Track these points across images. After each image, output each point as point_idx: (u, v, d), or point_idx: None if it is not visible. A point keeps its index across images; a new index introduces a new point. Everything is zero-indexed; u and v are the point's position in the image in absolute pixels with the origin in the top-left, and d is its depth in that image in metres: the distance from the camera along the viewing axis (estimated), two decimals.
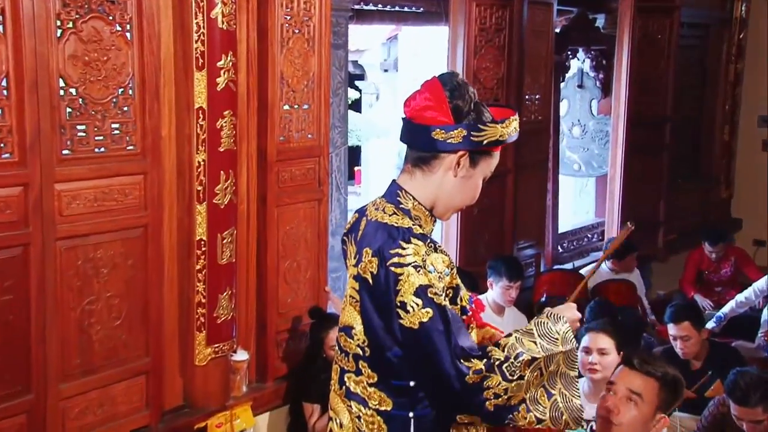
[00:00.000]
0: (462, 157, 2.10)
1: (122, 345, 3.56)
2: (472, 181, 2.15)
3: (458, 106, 2.08)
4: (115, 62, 3.34)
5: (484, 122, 2.09)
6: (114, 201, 3.42)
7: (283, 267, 4.18)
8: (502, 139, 2.11)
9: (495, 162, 2.20)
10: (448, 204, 2.17)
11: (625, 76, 6.92)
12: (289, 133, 4.08)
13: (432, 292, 1.96)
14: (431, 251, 2.01)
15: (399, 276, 1.97)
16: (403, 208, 2.12)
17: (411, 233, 2.03)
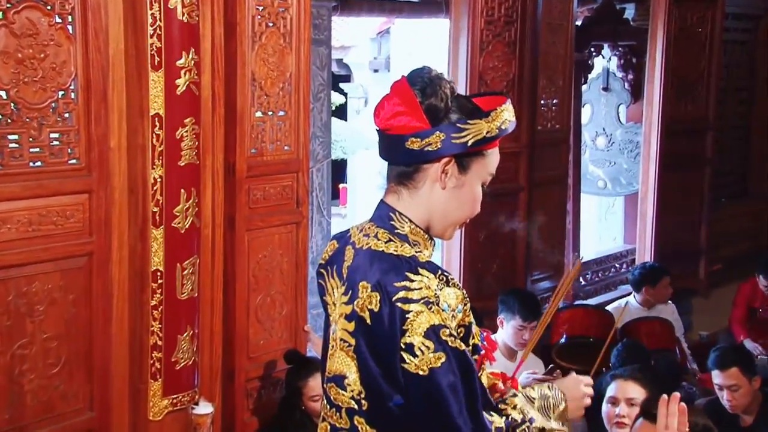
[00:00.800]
0: (447, 164, 2.10)
1: (60, 397, 3.52)
2: (467, 190, 2.14)
3: (432, 105, 2.07)
4: (55, 60, 3.34)
5: (464, 120, 2.07)
6: (52, 225, 3.40)
7: (255, 303, 4.17)
8: (490, 135, 2.07)
9: (494, 160, 2.18)
10: (444, 221, 2.16)
11: (658, 77, 6.96)
12: (262, 144, 4.08)
13: (446, 333, 1.95)
14: (443, 285, 2.00)
15: (407, 313, 1.96)
16: (399, 233, 2.12)
17: (418, 263, 2.03)
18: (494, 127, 2.08)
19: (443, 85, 2.09)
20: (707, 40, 7.31)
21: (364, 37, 13.77)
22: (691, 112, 7.33)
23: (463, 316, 2.03)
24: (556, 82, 6.01)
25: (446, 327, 1.96)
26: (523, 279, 5.91)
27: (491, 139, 2.08)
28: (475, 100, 2.16)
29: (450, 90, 2.09)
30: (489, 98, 2.17)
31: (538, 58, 5.78)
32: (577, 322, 5.64)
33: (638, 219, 7.26)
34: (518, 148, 5.77)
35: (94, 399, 3.63)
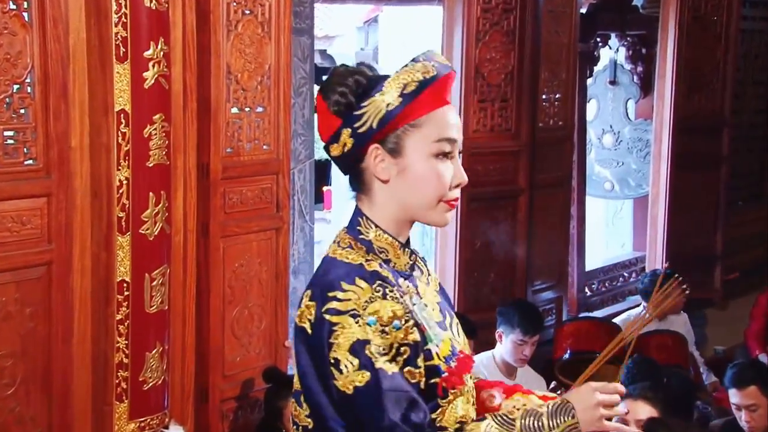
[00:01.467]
0: (375, 155, 2.06)
1: (16, 421, 3.50)
2: (415, 170, 2.05)
3: (337, 102, 2.05)
4: (9, 51, 3.32)
5: (359, 105, 2.03)
6: (7, 231, 3.39)
7: (231, 316, 4.16)
8: (393, 106, 2.01)
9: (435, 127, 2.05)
10: (413, 210, 2.10)
11: (670, 69, 6.97)
12: (238, 143, 4.07)
13: (370, 350, 1.93)
14: (378, 297, 1.97)
15: (333, 326, 1.95)
16: (363, 239, 2.10)
17: (359, 272, 2.01)
18: (394, 97, 2.01)
19: (344, 78, 2.06)
20: (723, 29, 7.32)
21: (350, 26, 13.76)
22: (706, 108, 7.34)
23: (404, 334, 1.98)
24: (558, 75, 6.02)
25: (371, 343, 1.93)
26: (523, 289, 5.90)
27: (398, 109, 2.02)
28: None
29: (357, 80, 2.06)
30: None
31: (540, 49, 5.78)
32: (583, 335, 5.64)
33: (648, 224, 7.27)
34: (517, 147, 5.77)
35: (54, 423, 3.61)
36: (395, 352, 1.96)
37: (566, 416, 2.02)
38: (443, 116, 2.06)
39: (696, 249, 7.32)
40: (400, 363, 1.95)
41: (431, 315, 2.10)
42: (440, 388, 2.02)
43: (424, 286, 2.17)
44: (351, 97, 2.04)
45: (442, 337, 2.07)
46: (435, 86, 2.03)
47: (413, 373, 1.97)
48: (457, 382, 2.06)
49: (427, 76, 2.02)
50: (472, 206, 5.56)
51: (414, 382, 1.96)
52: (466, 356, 2.14)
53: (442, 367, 2.05)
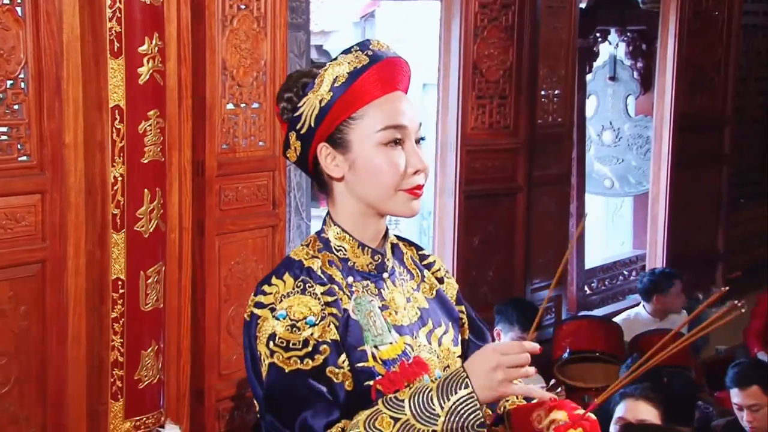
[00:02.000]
0: (324, 154, 2.05)
1: (10, 421, 3.50)
2: (364, 162, 2.02)
3: (284, 109, 2.06)
4: (2, 46, 3.32)
5: (296, 103, 2.03)
6: (0, 229, 3.39)
7: (227, 314, 4.17)
8: (325, 102, 1.99)
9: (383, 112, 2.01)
10: (373, 204, 2.07)
11: (671, 66, 6.98)
12: (234, 140, 4.08)
13: (279, 344, 1.93)
14: (297, 292, 1.97)
15: (258, 319, 1.98)
16: (323, 237, 2.11)
17: (290, 267, 2.02)
18: (324, 92, 1.99)
19: (293, 83, 2.06)
20: (725, 25, 7.34)
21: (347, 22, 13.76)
22: (707, 105, 7.36)
23: (321, 332, 1.94)
24: (557, 71, 6.03)
25: (281, 337, 1.93)
26: (522, 288, 5.92)
27: (331, 104, 1.99)
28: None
29: (302, 83, 2.05)
30: None
31: (538, 45, 5.79)
32: (582, 335, 5.65)
33: (649, 222, 7.28)
34: (516, 144, 5.79)
35: (49, 422, 3.61)
36: (312, 349, 1.93)
37: (458, 386, 1.86)
38: (385, 104, 2.01)
39: (697, 248, 7.34)
40: (318, 360, 1.93)
41: (392, 317, 2.06)
42: (374, 392, 1.98)
43: (401, 288, 2.14)
44: (296, 100, 2.03)
45: (390, 339, 2.02)
46: (370, 75, 1.99)
47: (335, 372, 1.94)
48: (390, 387, 2.00)
49: (358, 66, 1.99)
50: (469, 204, 5.58)
51: (337, 382, 1.93)
52: (415, 364, 2.06)
53: (378, 370, 2.01)
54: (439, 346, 2.13)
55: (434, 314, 2.17)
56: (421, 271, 2.25)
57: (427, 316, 2.15)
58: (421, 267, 2.26)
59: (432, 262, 2.30)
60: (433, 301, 2.21)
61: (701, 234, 7.40)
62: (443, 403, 1.85)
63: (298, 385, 1.92)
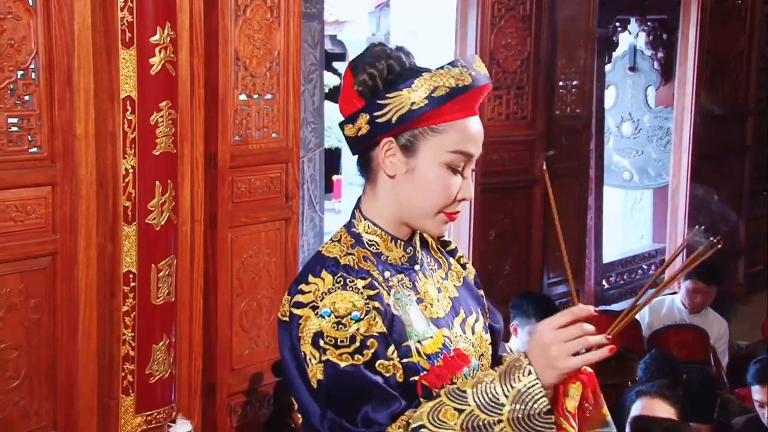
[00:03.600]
0: (387, 148, 2.03)
1: (21, 414, 3.53)
2: (422, 174, 2.02)
3: (363, 83, 2.02)
4: (13, 36, 3.33)
5: (384, 94, 1.99)
6: (11, 221, 3.41)
7: (239, 308, 4.19)
8: (417, 107, 1.96)
9: (454, 137, 2.01)
10: (410, 213, 2.07)
11: (692, 56, 6.96)
12: (247, 131, 4.09)
13: (328, 342, 1.93)
14: (338, 288, 1.96)
15: (299, 319, 1.96)
16: (354, 231, 2.10)
17: (327, 264, 2.00)
18: (421, 97, 1.96)
19: (379, 60, 2.03)
20: (747, 14, 7.31)
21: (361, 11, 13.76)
22: (729, 95, 7.33)
23: (368, 326, 1.95)
24: (576, 61, 6.02)
25: (328, 335, 1.92)
26: (539, 282, 5.92)
27: (422, 111, 1.97)
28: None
29: (391, 64, 2.03)
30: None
31: (557, 35, 5.78)
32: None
33: (668, 215, 7.26)
34: (533, 135, 5.78)
35: (59, 416, 3.63)
36: (360, 344, 1.93)
37: (522, 373, 1.83)
38: (466, 128, 2.01)
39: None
40: (367, 356, 1.93)
41: (428, 310, 2.08)
42: (419, 387, 1.99)
43: (432, 279, 2.15)
44: (378, 82, 2.01)
45: (431, 333, 2.04)
46: (466, 95, 1.99)
47: (386, 365, 1.94)
48: (436, 382, 2.01)
49: (460, 84, 1.97)
50: (486, 197, 5.57)
51: (389, 375, 1.94)
52: (457, 356, 2.08)
53: (423, 365, 2.02)
54: (473, 335, 2.15)
55: (464, 302, 2.19)
56: (447, 258, 2.26)
57: (458, 305, 2.16)
58: (446, 254, 2.28)
59: (454, 249, 2.32)
60: (461, 288, 2.23)
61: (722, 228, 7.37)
62: (507, 391, 1.83)
63: (355, 378, 1.92)
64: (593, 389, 2.04)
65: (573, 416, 1.97)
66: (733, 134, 7.43)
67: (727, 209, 7.41)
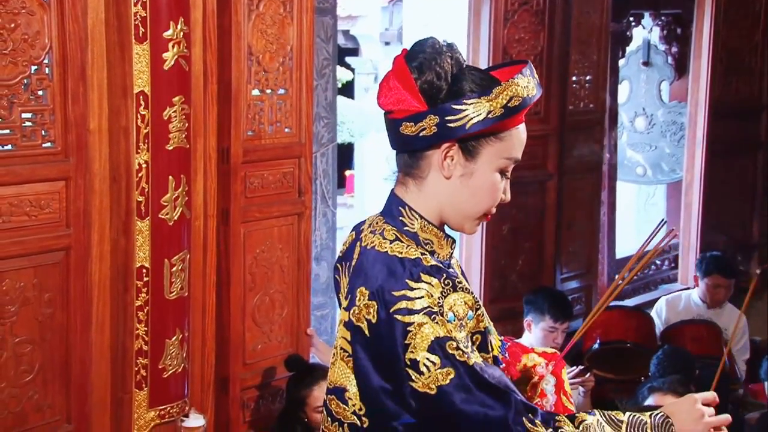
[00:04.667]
0: (449, 150, 2.05)
1: (34, 408, 3.54)
2: (479, 178, 2.07)
3: (429, 83, 2.02)
4: (27, 31, 3.34)
5: (460, 100, 2.00)
6: (25, 216, 3.42)
7: (252, 303, 4.19)
8: (493, 115, 1.98)
9: (513, 144, 2.08)
10: (457, 214, 2.12)
11: (706, 50, 6.94)
12: (259, 126, 4.09)
13: (452, 346, 1.94)
14: (450, 290, 1.98)
15: (408, 326, 1.94)
16: (408, 230, 2.10)
17: (421, 267, 2.01)
18: (497, 106, 1.99)
19: (443, 59, 2.03)
20: (762, 8, 7.29)
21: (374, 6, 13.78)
22: (744, 90, 7.31)
23: (476, 323, 2.00)
24: (589, 56, 6.00)
25: (453, 339, 1.94)
26: (552, 277, 5.91)
27: (496, 120, 2.00)
28: (493, 72, 2.09)
29: (453, 64, 2.04)
30: (509, 68, 2.10)
31: (570, 30, 5.77)
32: (613, 325, 5.63)
33: (682, 210, 7.25)
34: (546, 131, 5.77)
35: (72, 410, 3.64)
36: (472, 341, 1.99)
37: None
38: (519, 135, 2.09)
39: (731, 237, 7.29)
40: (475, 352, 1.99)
41: None
42: None
43: (457, 270, 2.19)
44: (443, 83, 2.02)
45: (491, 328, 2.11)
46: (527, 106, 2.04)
47: (486, 358, 2.00)
48: (513, 373, 2.08)
49: (530, 95, 2.02)
50: None
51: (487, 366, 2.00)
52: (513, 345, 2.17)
53: (499, 357, 2.07)
54: (490, 323, 2.18)
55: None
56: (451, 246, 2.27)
57: None
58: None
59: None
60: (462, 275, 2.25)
61: (736, 223, 7.36)
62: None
63: (482, 379, 1.96)
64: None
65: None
66: (747, 129, 7.40)
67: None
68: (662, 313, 6.16)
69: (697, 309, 6.08)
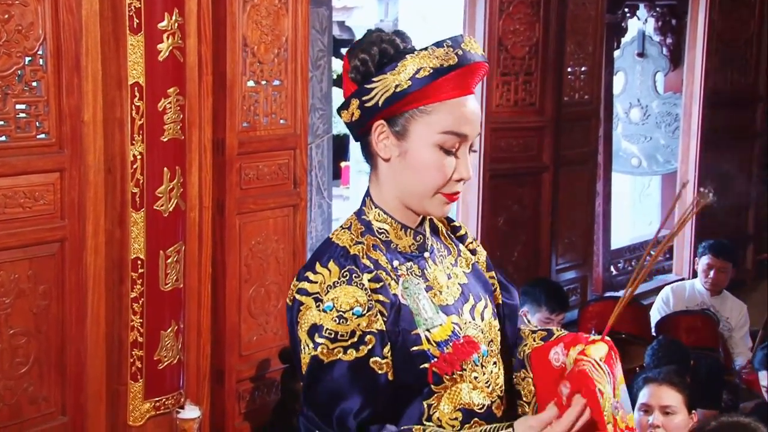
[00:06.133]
0: (378, 132, 2.04)
1: (29, 400, 3.54)
2: (415, 156, 2.02)
3: (355, 68, 2.03)
4: (20, 22, 3.33)
5: (371, 79, 2.00)
6: (19, 207, 3.41)
7: (247, 295, 4.19)
8: (401, 89, 1.96)
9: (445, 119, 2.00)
10: (411, 197, 2.07)
11: (701, 41, 6.94)
12: (254, 117, 4.08)
13: (323, 336, 1.94)
14: (343, 282, 1.97)
15: (301, 306, 1.98)
16: (364, 219, 2.11)
17: (336, 254, 2.02)
18: (404, 79, 1.97)
19: (371, 47, 2.03)
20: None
21: None
22: (738, 81, 7.32)
23: (369, 322, 1.95)
24: (585, 47, 6.00)
25: (328, 329, 1.94)
26: (548, 268, 5.91)
27: (406, 92, 1.97)
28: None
29: (384, 49, 2.02)
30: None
31: (565, 21, 5.76)
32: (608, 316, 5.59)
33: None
34: (542, 122, 5.77)
35: (67, 402, 3.64)
36: (357, 340, 1.95)
37: None
38: (457, 108, 2.00)
39: (727, 228, 7.29)
40: (363, 352, 1.94)
41: (437, 298, 2.08)
42: (430, 374, 2.00)
43: (442, 266, 2.15)
44: (371, 66, 2.01)
45: (440, 321, 2.04)
46: (453, 76, 1.97)
47: (379, 363, 1.95)
48: (446, 368, 2.01)
49: (445, 64, 1.97)
50: (494, 183, 5.57)
51: (381, 372, 1.95)
52: (466, 343, 2.08)
53: (433, 352, 2.02)
54: (482, 321, 2.15)
55: (474, 288, 2.19)
56: (457, 245, 2.25)
57: (468, 291, 2.16)
58: (456, 241, 2.27)
59: (464, 235, 2.30)
60: (470, 275, 2.22)
61: (731, 214, 7.36)
62: None
63: (336, 377, 1.94)
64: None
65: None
66: (742, 120, 7.41)
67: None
68: (669, 300, 6.15)
69: (701, 297, 6.10)
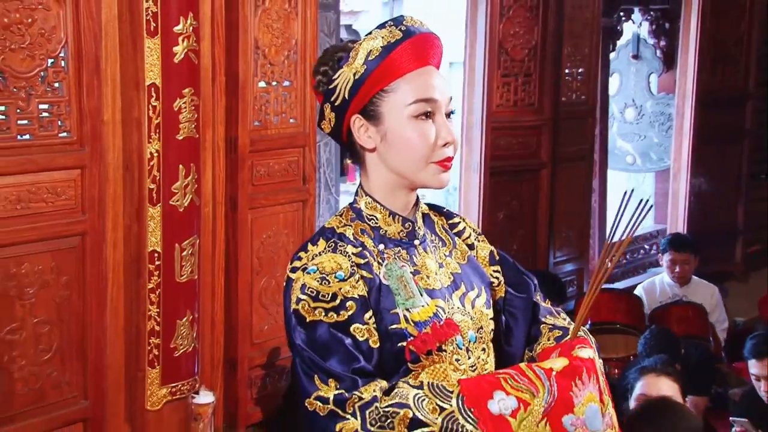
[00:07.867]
0: (358, 126, 2.06)
1: (52, 385, 3.56)
2: (396, 133, 2.03)
3: (319, 81, 2.08)
4: (43, 26, 3.35)
5: (332, 79, 2.04)
6: (42, 202, 3.43)
7: (259, 286, 4.20)
8: (359, 75, 2.00)
9: (410, 89, 2.01)
10: (406, 173, 2.07)
11: (693, 44, 6.95)
12: (266, 117, 4.10)
13: (304, 293, 1.96)
14: (327, 251, 2.00)
15: (292, 282, 2.00)
16: (355, 207, 2.14)
17: (324, 234, 2.06)
18: (359, 65, 2.01)
19: (328, 57, 2.07)
20: (747, 1, 7.27)
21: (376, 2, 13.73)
22: (729, 81, 7.31)
23: (351, 287, 1.96)
24: (581, 49, 6.01)
25: (310, 287, 1.95)
26: (546, 261, 5.93)
27: (365, 76, 2.01)
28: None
29: (337, 57, 2.06)
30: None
31: (563, 24, 5.77)
32: (603, 306, 5.64)
33: (670, 197, 7.25)
34: (540, 121, 5.78)
35: (89, 387, 3.66)
36: (338, 304, 1.95)
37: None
38: (417, 77, 2.02)
39: (717, 223, 7.31)
40: (344, 316, 1.94)
41: (423, 282, 2.07)
42: (407, 352, 2.00)
43: (433, 255, 2.15)
44: (331, 73, 2.05)
45: (422, 303, 2.03)
46: (403, 49, 2.00)
47: (360, 329, 1.95)
48: (422, 347, 2.02)
49: (391, 40, 2.00)
50: (494, 180, 5.58)
51: (362, 339, 1.95)
52: (446, 325, 2.08)
53: (410, 331, 2.02)
54: (472, 308, 2.15)
55: (467, 278, 2.19)
56: (453, 238, 2.26)
57: (459, 280, 2.16)
58: (452, 235, 2.28)
59: (462, 230, 2.31)
60: (465, 266, 2.23)
61: (721, 209, 7.37)
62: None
63: (319, 334, 1.94)
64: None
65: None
66: (733, 119, 7.40)
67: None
68: (643, 299, 6.18)
69: (671, 290, 6.14)
